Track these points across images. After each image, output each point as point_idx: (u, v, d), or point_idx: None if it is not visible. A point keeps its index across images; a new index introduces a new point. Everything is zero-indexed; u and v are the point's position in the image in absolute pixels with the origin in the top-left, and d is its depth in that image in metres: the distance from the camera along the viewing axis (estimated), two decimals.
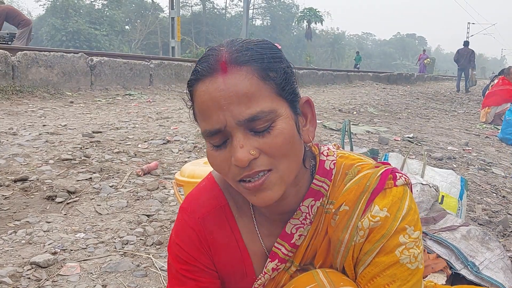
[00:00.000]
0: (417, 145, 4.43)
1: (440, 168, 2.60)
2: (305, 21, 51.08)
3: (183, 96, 0.79)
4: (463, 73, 14.80)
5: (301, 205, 0.82)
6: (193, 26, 51.60)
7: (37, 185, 2.36)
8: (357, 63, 26.86)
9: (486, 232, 1.68)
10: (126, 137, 3.57)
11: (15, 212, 2.05)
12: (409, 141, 4.63)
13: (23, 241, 1.77)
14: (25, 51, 5.73)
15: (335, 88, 12.29)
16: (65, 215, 2.07)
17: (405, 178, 0.81)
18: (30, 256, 1.64)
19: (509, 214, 2.60)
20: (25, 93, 5.35)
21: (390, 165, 0.85)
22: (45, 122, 3.98)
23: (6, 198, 2.18)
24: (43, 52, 5.93)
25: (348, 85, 13.70)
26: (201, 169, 1.80)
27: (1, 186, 2.31)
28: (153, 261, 1.68)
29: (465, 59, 14.37)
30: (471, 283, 1.46)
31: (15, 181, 2.37)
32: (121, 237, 1.86)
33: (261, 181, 0.72)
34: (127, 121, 4.33)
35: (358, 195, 0.79)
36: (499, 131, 5.71)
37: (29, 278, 1.51)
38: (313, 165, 0.85)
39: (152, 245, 1.81)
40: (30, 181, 2.39)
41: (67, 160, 2.77)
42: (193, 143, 3.48)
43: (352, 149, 2.36)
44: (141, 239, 1.87)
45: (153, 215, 2.12)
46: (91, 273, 1.57)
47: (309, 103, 0.80)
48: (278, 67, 0.73)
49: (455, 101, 11.46)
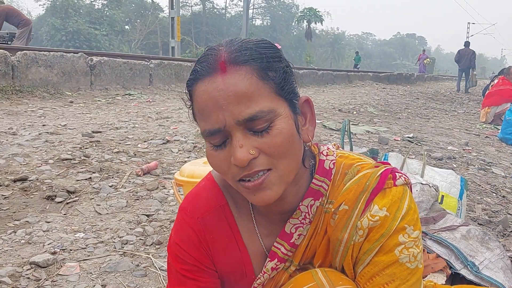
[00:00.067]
0: (417, 145, 4.43)
1: (440, 168, 2.60)
2: (305, 21, 50.99)
3: (182, 96, 0.79)
4: (463, 74, 14.80)
5: (300, 204, 0.82)
6: (193, 26, 51.61)
7: (36, 185, 2.36)
8: (357, 63, 26.83)
9: (486, 232, 1.68)
10: (125, 137, 3.57)
11: (14, 212, 2.05)
12: (409, 141, 4.63)
13: (22, 241, 1.77)
14: (25, 51, 5.73)
15: (335, 88, 12.29)
16: (64, 215, 2.07)
17: (404, 178, 0.81)
18: (29, 256, 1.64)
19: (509, 214, 2.60)
20: (24, 93, 5.35)
21: (390, 165, 0.85)
22: (45, 122, 3.98)
23: (5, 198, 2.18)
24: (43, 52, 5.93)
25: (348, 85, 13.69)
26: (200, 169, 1.80)
27: (0, 186, 2.31)
28: (152, 261, 1.68)
29: (466, 59, 14.35)
30: (471, 283, 1.46)
31: (14, 181, 2.37)
32: (120, 237, 1.86)
33: (261, 180, 0.72)
34: (126, 121, 4.32)
35: (357, 194, 0.79)
36: (499, 131, 5.71)
37: (28, 278, 1.51)
38: (312, 165, 0.85)
39: (151, 245, 1.81)
40: (30, 181, 2.39)
41: (66, 160, 2.77)
42: (193, 143, 3.48)
43: (351, 149, 2.36)
44: (140, 239, 1.87)
45: (153, 215, 2.12)
46: (90, 273, 1.57)
47: (308, 103, 0.80)
48: (277, 66, 0.73)
49: (455, 101, 11.46)
